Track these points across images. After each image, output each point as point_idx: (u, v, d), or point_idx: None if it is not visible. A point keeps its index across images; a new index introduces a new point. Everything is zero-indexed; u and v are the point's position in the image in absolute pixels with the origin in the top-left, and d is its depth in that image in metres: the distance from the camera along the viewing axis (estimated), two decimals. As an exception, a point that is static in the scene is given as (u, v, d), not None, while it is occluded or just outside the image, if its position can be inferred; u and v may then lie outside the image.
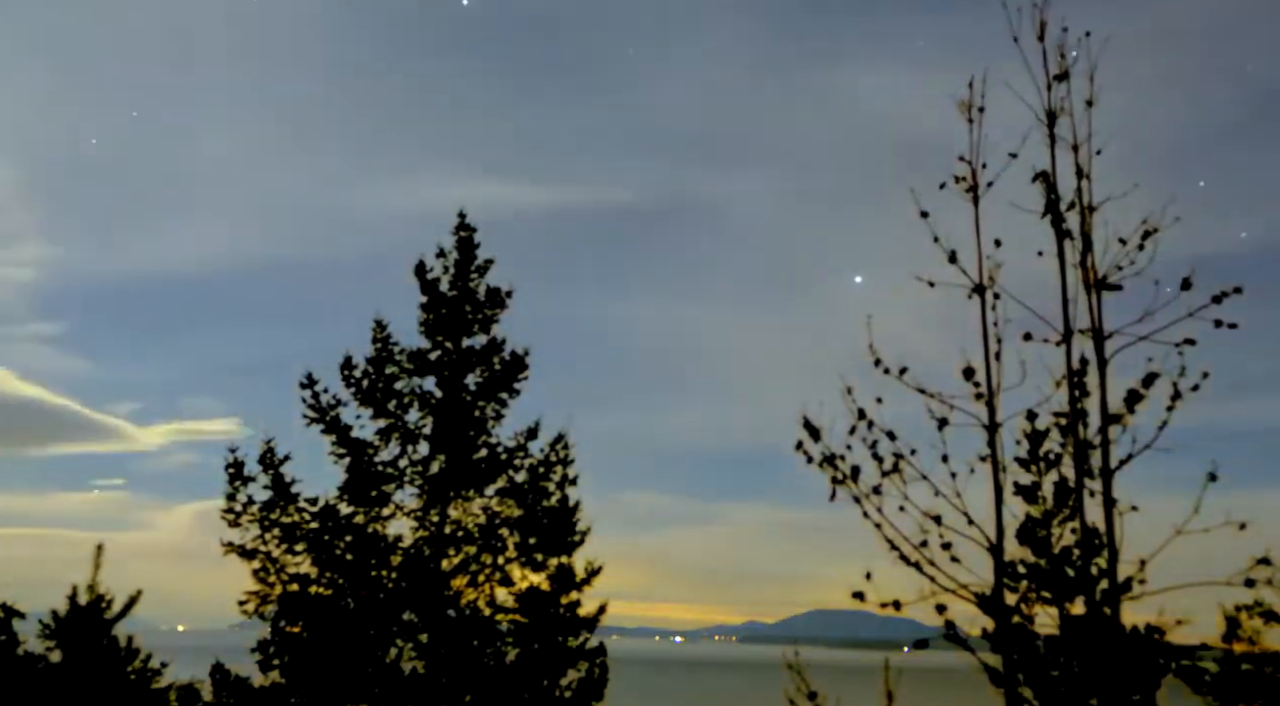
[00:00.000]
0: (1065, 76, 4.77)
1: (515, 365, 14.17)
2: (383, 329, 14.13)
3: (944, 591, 4.52)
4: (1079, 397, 4.57)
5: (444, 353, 14.11)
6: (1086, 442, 4.50)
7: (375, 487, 13.52)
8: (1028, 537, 6.09)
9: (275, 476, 13.31)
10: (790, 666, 5.18)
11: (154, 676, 12.22)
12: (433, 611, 13.01)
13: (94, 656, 11.71)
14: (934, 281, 4.86)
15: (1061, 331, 4.60)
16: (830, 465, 4.80)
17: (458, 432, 13.70)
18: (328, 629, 12.76)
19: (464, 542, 13.44)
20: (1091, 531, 4.59)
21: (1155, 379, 4.47)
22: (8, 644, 11.49)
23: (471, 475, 13.65)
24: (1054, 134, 4.76)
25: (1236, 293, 4.43)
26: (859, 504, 4.71)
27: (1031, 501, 6.02)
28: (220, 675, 12.65)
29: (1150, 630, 5.73)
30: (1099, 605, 4.45)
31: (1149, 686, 6.07)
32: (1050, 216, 4.72)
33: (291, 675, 12.64)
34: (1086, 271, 4.61)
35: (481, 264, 14.41)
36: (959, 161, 4.96)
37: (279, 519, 13.20)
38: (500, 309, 14.34)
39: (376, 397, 13.77)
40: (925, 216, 4.87)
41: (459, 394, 13.92)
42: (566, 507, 13.77)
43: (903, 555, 4.61)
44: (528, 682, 12.89)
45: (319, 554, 13.09)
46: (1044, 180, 4.76)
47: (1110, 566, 4.35)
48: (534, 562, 13.54)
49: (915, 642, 5.09)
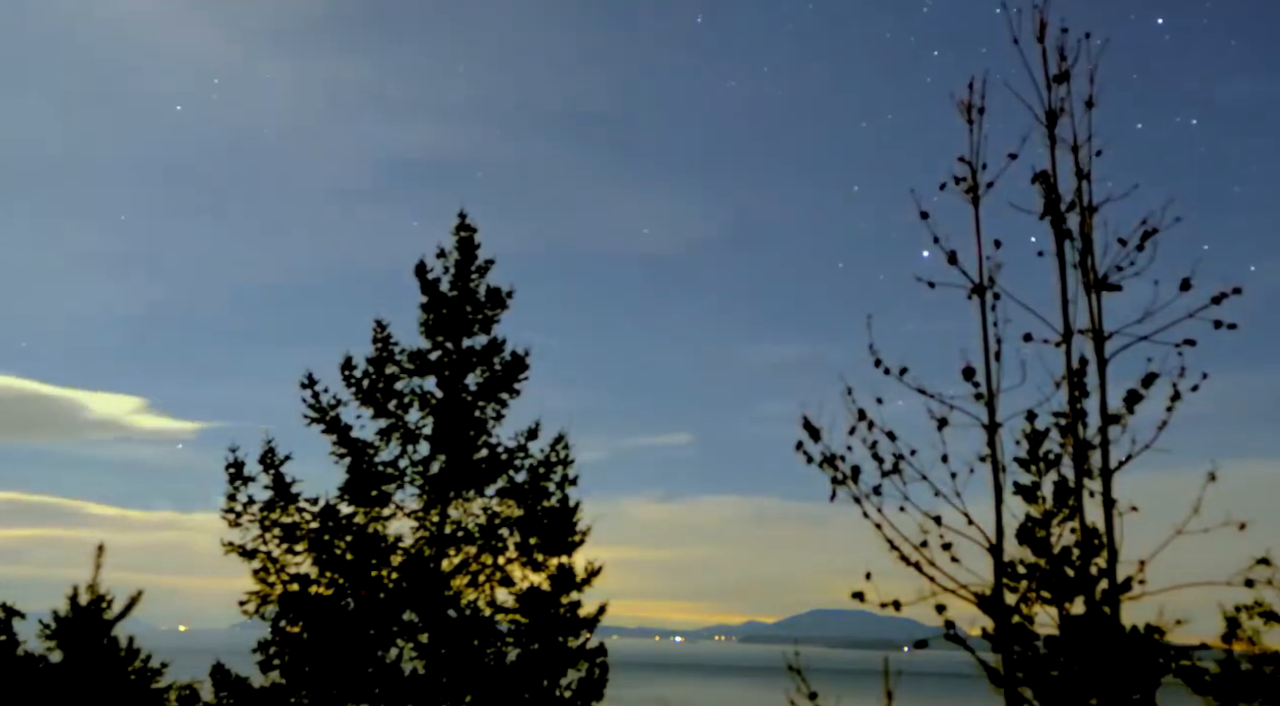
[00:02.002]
0: (1065, 77, 4.77)
1: (515, 365, 14.17)
2: (383, 329, 14.14)
3: (944, 591, 4.52)
4: (1079, 398, 4.58)
5: (444, 353, 14.11)
6: (1086, 443, 4.51)
7: (376, 487, 13.53)
8: (1027, 537, 6.10)
9: (275, 476, 13.32)
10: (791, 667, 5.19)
11: (154, 676, 12.23)
12: (433, 611, 13.02)
13: (94, 656, 11.72)
14: (934, 282, 4.86)
15: (1061, 332, 4.60)
16: (830, 465, 4.81)
17: (458, 433, 13.70)
18: (328, 629, 12.76)
19: (464, 543, 13.45)
20: (1091, 531, 4.59)
21: (1155, 379, 4.48)
22: (8, 644, 11.50)
23: (472, 475, 13.66)
24: (1054, 135, 4.77)
25: (1236, 293, 4.44)
26: (859, 504, 4.71)
27: (1031, 501, 6.03)
28: (220, 675, 12.65)
29: (1150, 630, 5.73)
30: (1099, 605, 4.45)
31: (1149, 686, 6.08)
32: (1050, 217, 4.72)
33: (291, 675, 12.64)
34: (1086, 272, 4.62)
35: (482, 264, 14.42)
36: (959, 162, 4.96)
37: (279, 519, 13.20)
38: (501, 309, 14.35)
39: (377, 397, 13.78)
40: (925, 217, 4.87)
41: (459, 394, 13.93)
42: (566, 508, 13.78)
43: (903, 555, 4.61)
44: (528, 682, 12.89)
45: (319, 554, 13.10)
46: (1044, 181, 4.76)
47: (1110, 566, 4.35)
48: (534, 563, 13.55)
49: (915, 642, 5.09)
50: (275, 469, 13.35)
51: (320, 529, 13.19)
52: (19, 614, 11.76)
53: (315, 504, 13.34)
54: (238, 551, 13.12)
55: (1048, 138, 4.79)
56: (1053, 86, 4.79)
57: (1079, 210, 4.69)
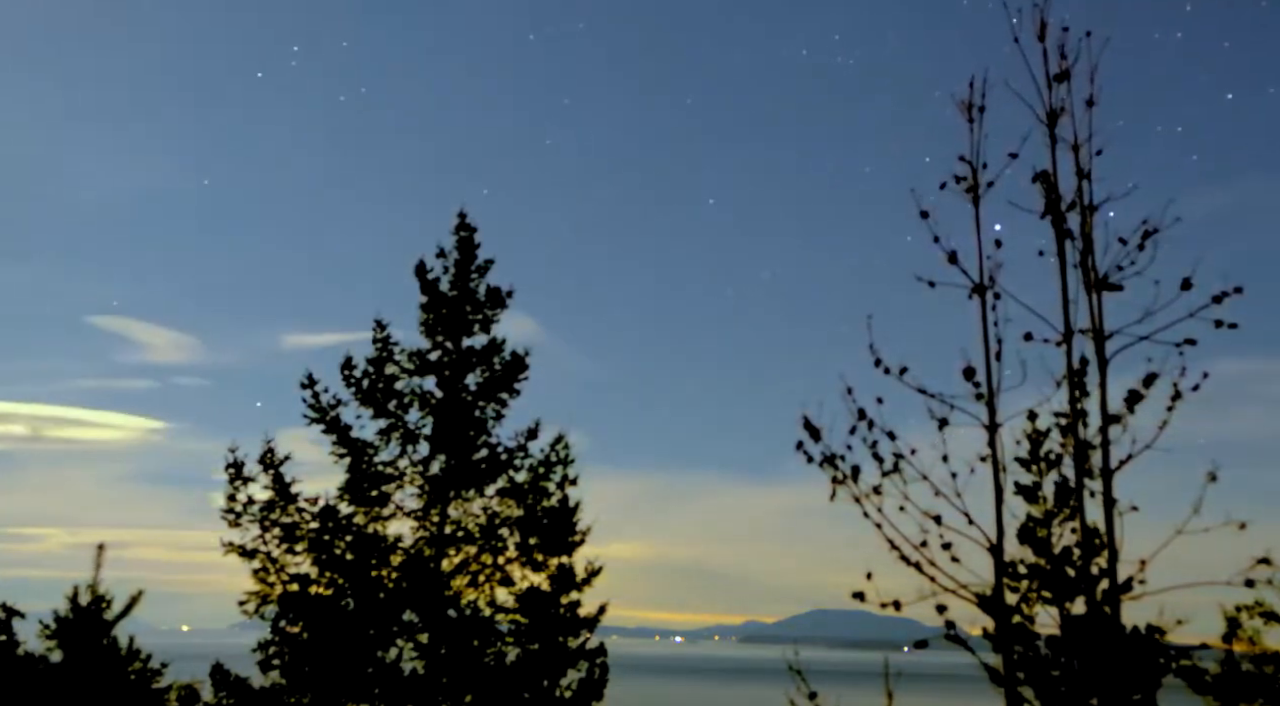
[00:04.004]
0: (1066, 76, 4.77)
1: (515, 365, 14.17)
2: (383, 329, 14.14)
3: (944, 591, 4.52)
4: (1079, 398, 4.57)
5: (444, 352, 14.11)
6: (1087, 443, 4.50)
7: (375, 487, 13.53)
8: (1028, 537, 6.11)
9: (275, 476, 13.32)
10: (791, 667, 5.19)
11: (154, 677, 12.22)
12: (433, 611, 13.02)
13: (94, 657, 11.71)
14: (934, 282, 4.86)
15: (1062, 331, 4.60)
16: (830, 465, 4.80)
17: (458, 433, 13.70)
18: (328, 629, 12.76)
19: (464, 542, 13.45)
20: (1092, 531, 4.59)
21: (1155, 379, 4.47)
22: (8, 644, 11.49)
23: (472, 475, 13.66)
24: (1054, 134, 4.77)
25: (1237, 293, 4.43)
26: (859, 504, 4.71)
27: (1032, 501, 6.04)
28: (220, 675, 12.65)
29: (1151, 630, 5.74)
30: (1099, 605, 4.45)
31: (1149, 686, 6.08)
32: (1050, 216, 4.72)
33: (291, 675, 12.64)
34: (1087, 271, 4.62)
35: (482, 264, 14.42)
36: (959, 161, 4.96)
37: (279, 519, 13.21)
38: (500, 309, 14.35)
39: (377, 397, 13.78)
40: (925, 217, 4.87)
41: (459, 394, 13.93)
42: (567, 508, 13.78)
43: (903, 555, 4.60)
44: (528, 682, 12.89)
45: (319, 554, 13.10)
46: (1044, 180, 4.76)
47: (1110, 566, 4.35)
48: (534, 562, 13.56)
49: (915, 642, 5.08)
50: (275, 469, 13.35)
51: (320, 529, 13.19)
52: (19, 614, 11.75)
53: (315, 504, 13.34)
54: (238, 551, 13.12)
55: (1048, 137, 4.79)
56: (1053, 86, 4.79)
57: (1079, 210, 4.69)
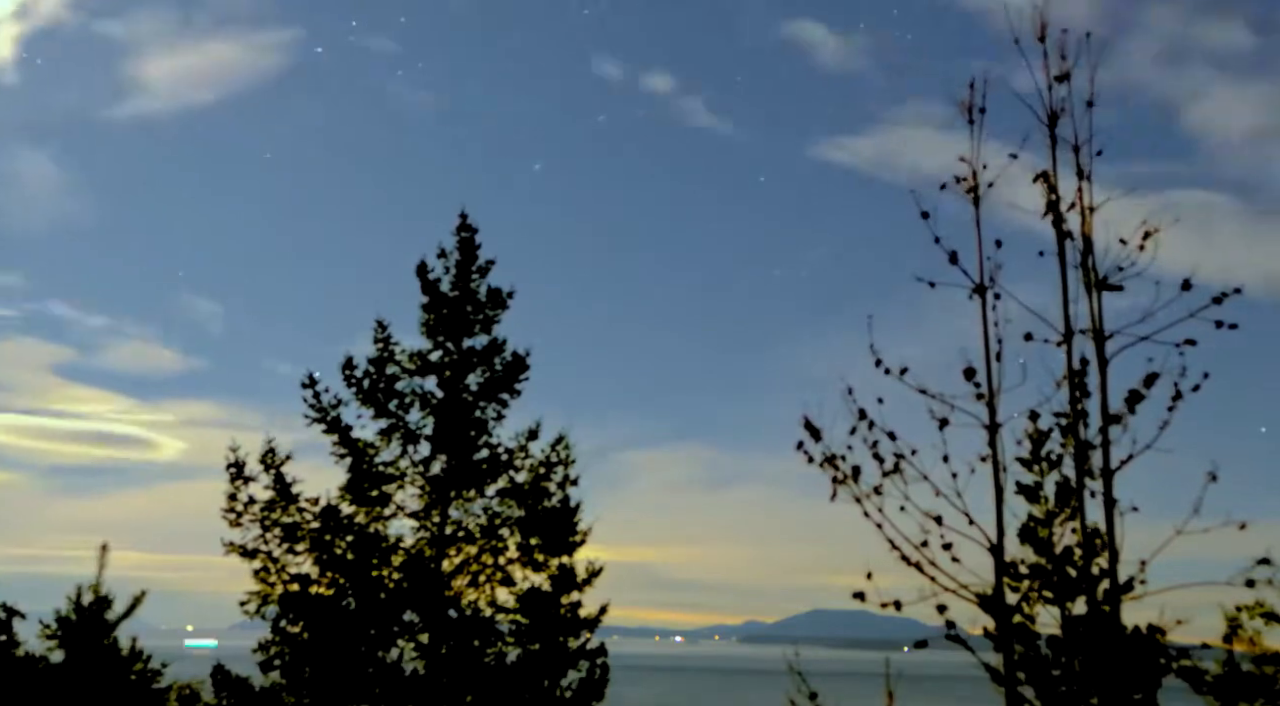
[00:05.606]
0: (1066, 77, 4.78)
1: (516, 366, 14.17)
2: (384, 329, 14.15)
3: (944, 591, 4.52)
4: (1080, 398, 4.58)
5: (445, 353, 14.11)
6: (1087, 443, 4.51)
7: (376, 487, 13.53)
8: (1029, 537, 6.11)
9: (276, 476, 13.33)
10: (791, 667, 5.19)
11: (154, 677, 12.22)
12: (434, 611, 13.02)
13: (96, 657, 11.72)
14: (935, 282, 4.87)
15: (1062, 332, 4.61)
16: (831, 465, 4.81)
17: (459, 433, 13.70)
18: (328, 629, 12.77)
19: (465, 543, 13.45)
20: (1092, 531, 4.59)
21: (1156, 379, 4.48)
22: (8, 644, 11.49)
23: (472, 475, 13.66)
24: (1055, 135, 4.78)
25: (1237, 293, 4.44)
26: (860, 504, 4.72)
27: (1033, 501, 6.04)
28: (220, 676, 12.66)
29: (1151, 630, 5.74)
30: (1100, 605, 4.45)
31: (1150, 686, 6.08)
32: (1051, 217, 4.73)
33: (292, 675, 12.65)
34: (1087, 272, 4.62)
35: (483, 264, 14.41)
36: (959, 161, 4.97)
37: (280, 518, 13.21)
38: (501, 309, 14.34)
39: (378, 398, 13.78)
40: (926, 217, 4.88)
41: (460, 394, 13.93)
42: (567, 508, 13.78)
43: (903, 555, 4.61)
44: (528, 682, 12.90)
45: (320, 554, 13.10)
46: (1044, 180, 4.77)
47: (1111, 566, 4.35)
48: (535, 563, 13.55)
49: (915, 642, 5.09)
50: (276, 469, 13.36)
51: (321, 529, 13.19)
52: (19, 614, 11.75)
53: (316, 504, 13.34)
54: (238, 551, 13.13)
55: (1049, 138, 4.80)
56: (1054, 86, 4.80)
57: (1080, 210, 4.70)
